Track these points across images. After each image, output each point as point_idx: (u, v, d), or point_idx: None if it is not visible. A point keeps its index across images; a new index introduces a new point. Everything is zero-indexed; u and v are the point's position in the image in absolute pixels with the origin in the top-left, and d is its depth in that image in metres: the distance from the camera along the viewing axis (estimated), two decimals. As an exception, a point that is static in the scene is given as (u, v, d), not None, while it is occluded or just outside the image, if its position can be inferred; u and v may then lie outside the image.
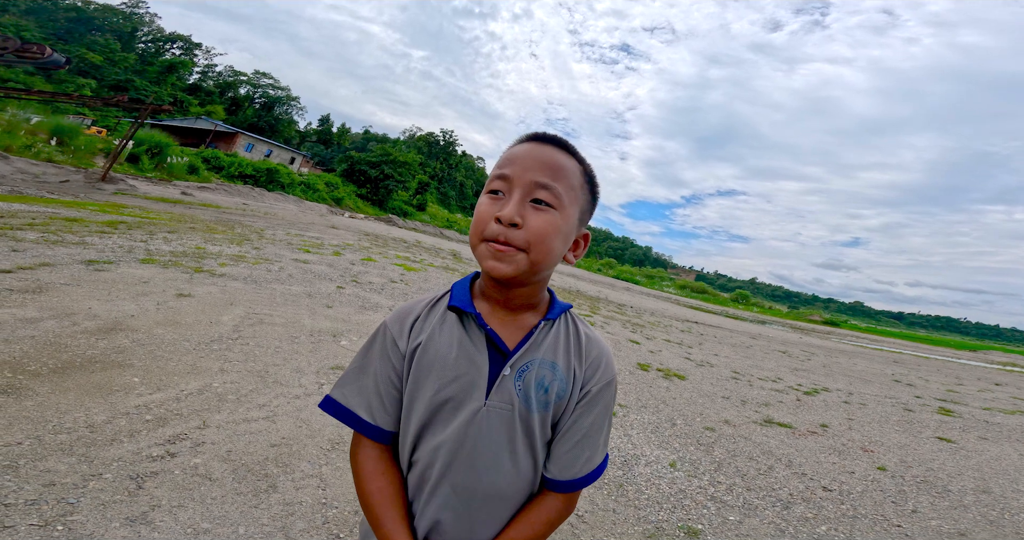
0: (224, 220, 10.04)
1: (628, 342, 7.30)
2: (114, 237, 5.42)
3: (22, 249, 4.07)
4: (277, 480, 1.61)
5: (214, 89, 54.69)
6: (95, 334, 2.44)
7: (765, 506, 2.36)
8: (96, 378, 1.99)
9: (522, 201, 0.54)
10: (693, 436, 3.27)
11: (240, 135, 35.87)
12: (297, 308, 3.96)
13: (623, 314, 12.15)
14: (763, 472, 2.82)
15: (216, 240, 6.62)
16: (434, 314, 0.60)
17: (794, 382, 6.68)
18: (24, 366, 1.94)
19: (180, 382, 2.15)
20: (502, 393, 0.55)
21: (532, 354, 0.57)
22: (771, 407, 4.72)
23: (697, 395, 4.65)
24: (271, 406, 2.16)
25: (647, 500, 2.20)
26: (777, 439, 3.57)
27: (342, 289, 5.16)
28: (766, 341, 13.41)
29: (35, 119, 17.94)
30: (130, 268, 4.07)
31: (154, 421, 1.79)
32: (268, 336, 3.09)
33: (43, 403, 1.71)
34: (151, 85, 42.95)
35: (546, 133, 0.59)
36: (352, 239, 11.71)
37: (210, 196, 17.25)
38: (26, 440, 1.48)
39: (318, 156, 58.11)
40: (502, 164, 0.57)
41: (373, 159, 40.01)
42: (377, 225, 23.41)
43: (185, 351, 2.51)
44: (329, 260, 7.00)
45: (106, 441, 1.59)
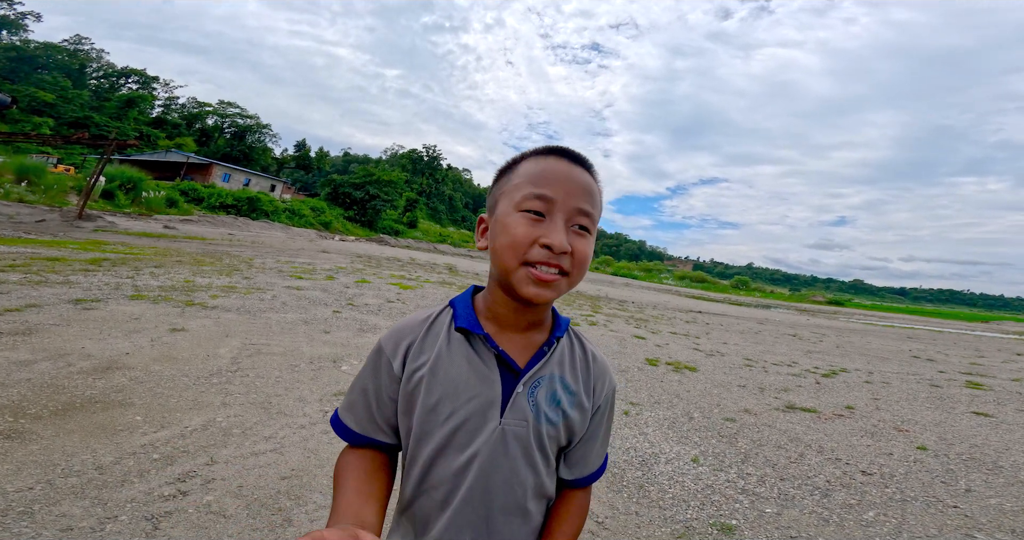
0: (211, 252, 9.90)
1: (633, 338, 7.28)
2: (99, 275, 5.31)
3: (6, 291, 3.97)
4: (291, 513, 1.60)
5: (180, 121, 54.13)
6: (91, 374, 2.40)
7: (803, 495, 2.31)
8: (98, 418, 1.95)
9: (567, 227, 0.54)
10: (713, 428, 3.22)
11: (215, 165, 35.47)
12: (294, 336, 3.92)
13: (625, 310, 12.12)
14: (794, 460, 2.76)
15: (204, 272, 6.53)
16: (434, 334, 0.59)
17: (810, 365, 6.61)
18: (24, 409, 1.90)
19: (183, 418, 2.12)
20: (516, 411, 0.56)
21: (543, 371, 0.58)
22: (791, 392, 4.68)
23: (711, 386, 4.60)
24: (277, 438, 2.14)
25: (672, 499, 2.15)
26: (803, 425, 3.51)
27: (338, 313, 5.13)
28: (774, 325, 13.33)
29: None
30: (119, 305, 4.00)
31: (161, 460, 1.77)
32: (267, 366, 3.05)
33: (48, 446, 1.68)
34: (112, 121, 42.21)
35: (573, 151, 0.59)
36: (344, 262, 11.64)
37: (194, 228, 16.99)
38: (37, 485, 1.46)
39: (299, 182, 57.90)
40: (539, 182, 0.55)
41: (356, 180, 40.06)
42: (369, 246, 23.30)
43: (185, 386, 2.47)
44: (323, 285, 6.95)
45: (117, 482, 1.56)
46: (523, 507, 0.57)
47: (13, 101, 5.48)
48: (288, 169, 62.83)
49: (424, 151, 71.65)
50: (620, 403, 3.58)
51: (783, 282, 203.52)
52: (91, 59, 51.18)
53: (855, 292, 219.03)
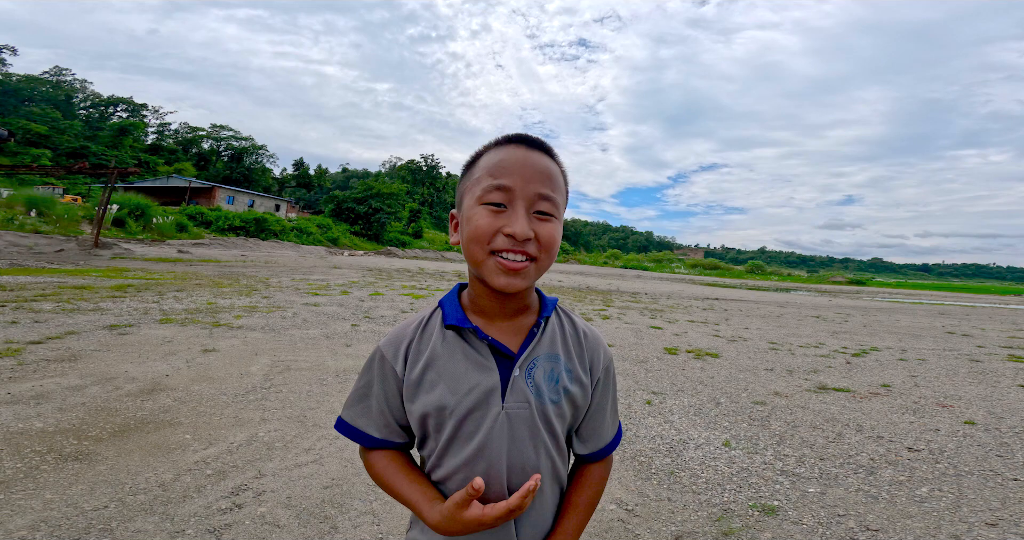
0: (227, 273, 10.12)
1: (650, 329, 7.23)
2: (126, 301, 5.49)
3: (43, 320, 4.13)
4: (336, 521, 1.66)
5: (176, 147, 54.74)
6: (138, 396, 2.50)
7: (846, 474, 2.29)
8: (152, 438, 2.04)
9: (528, 214, 0.54)
10: (743, 413, 3.20)
11: (218, 189, 36.12)
12: (318, 351, 4.01)
13: (639, 302, 12.04)
14: (832, 440, 2.74)
15: (225, 294, 6.70)
16: (428, 335, 0.60)
17: (838, 345, 6.53)
18: (85, 432, 2.00)
19: (228, 435, 2.20)
20: (516, 394, 0.57)
21: (536, 352, 0.59)
22: (821, 373, 4.63)
23: (736, 371, 4.56)
24: (316, 449, 2.20)
25: (705, 483, 2.15)
26: (838, 405, 3.48)
27: (357, 327, 5.22)
28: (795, 308, 13.15)
29: (5, 193, 18.04)
30: (151, 329, 4.13)
31: (215, 475, 1.84)
32: (298, 381, 3.14)
33: (114, 466, 1.77)
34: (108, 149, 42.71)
35: (530, 136, 0.59)
36: (356, 276, 11.81)
37: (207, 251, 17.35)
38: (111, 503, 1.54)
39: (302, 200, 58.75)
40: (496, 172, 0.55)
41: (358, 195, 40.58)
42: (378, 259, 23.56)
43: (224, 404, 2.56)
44: (339, 300, 7.08)
45: (179, 498, 1.64)
46: (544, 491, 0.59)
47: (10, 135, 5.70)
48: (290, 188, 63.78)
49: (422, 161, 72.47)
50: (641, 393, 3.61)
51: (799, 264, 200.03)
52: (76, 90, 51.77)
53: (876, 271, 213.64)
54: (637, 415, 3.10)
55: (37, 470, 1.69)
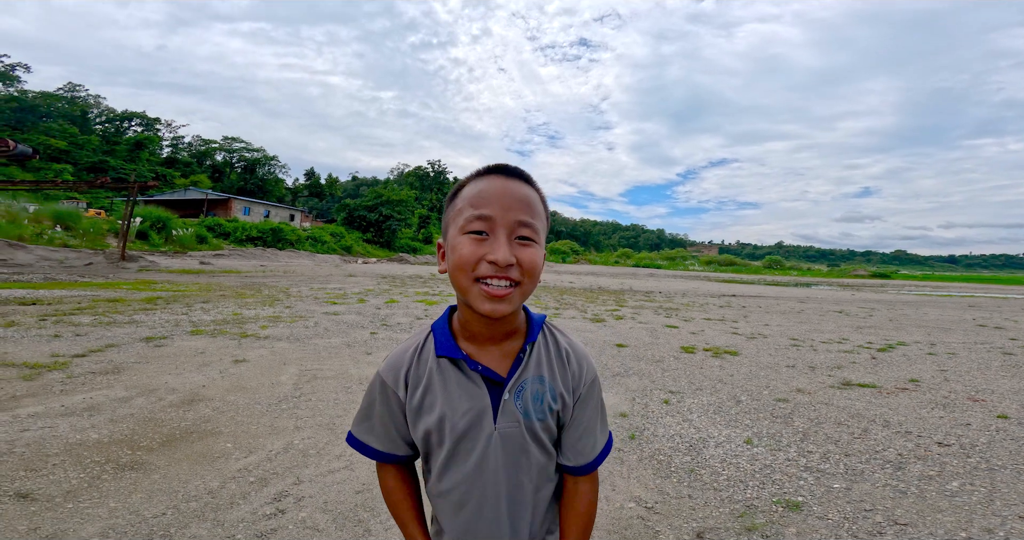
0: (249, 284, 10.44)
1: (665, 328, 7.18)
2: (158, 313, 5.73)
3: (84, 333, 4.36)
4: (369, 524, 1.73)
5: (190, 159, 55.74)
6: (180, 407, 2.64)
7: (873, 469, 2.27)
8: (197, 447, 2.16)
9: (509, 241, 0.57)
10: (765, 410, 3.18)
11: (233, 200, 37.06)
12: (341, 359, 4.13)
13: (653, 300, 11.95)
14: (858, 435, 2.71)
15: (249, 304, 6.92)
16: (424, 361, 0.65)
17: (862, 341, 6.43)
18: (137, 443, 2.13)
19: (266, 443, 2.31)
20: (507, 415, 0.62)
21: (524, 375, 0.64)
22: (845, 369, 4.57)
23: (757, 368, 4.53)
24: (346, 456, 2.28)
25: (727, 480, 2.16)
26: (863, 400, 3.44)
27: (375, 334, 5.34)
28: (817, 303, 12.89)
29: (32, 207, 18.63)
30: (183, 341, 4.32)
31: (257, 482, 1.94)
32: (325, 390, 3.25)
33: (166, 475, 1.88)
34: (126, 163, 43.65)
35: (508, 166, 0.62)
36: (372, 284, 12.03)
37: (227, 262, 17.89)
38: (168, 510, 1.65)
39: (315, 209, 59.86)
40: (477, 203, 0.58)
41: (368, 203, 41.16)
42: (391, 266, 23.89)
43: (260, 413, 2.68)
44: (356, 308, 7.24)
45: (227, 505, 1.74)
46: (531, 498, 0.65)
47: (35, 152, 6.03)
48: (302, 198, 65.08)
49: (429, 167, 73.18)
50: (658, 392, 3.62)
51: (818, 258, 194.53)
52: (90, 105, 52.71)
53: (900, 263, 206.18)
54: (655, 415, 3.11)
55: (99, 480, 1.81)
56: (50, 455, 1.97)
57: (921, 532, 1.79)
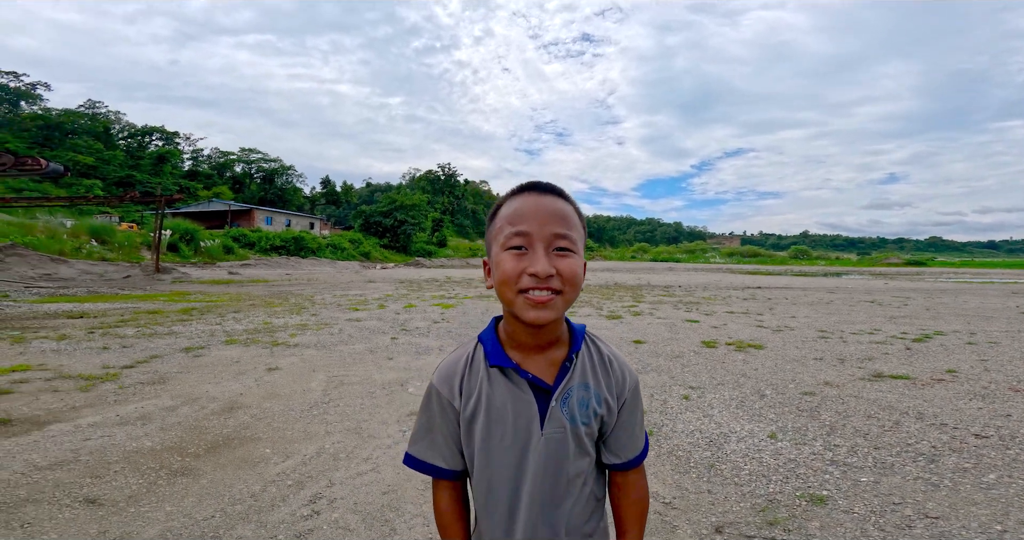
0: (276, 293, 10.88)
1: (685, 323, 7.08)
2: (194, 323, 6.08)
3: (129, 345, 4.69)
4: (394, 523, 1.82)
5: (211, 171, 57.01)
6: (221, 414, 2.83)
7: (904, 462, 2.23)
8: (239, 453, 2.32)
9: (547, 253, 0.61)
10: (790, 404, 3.13)
11: (255, 210, 38.24)
12: (365, 365, 4.29)
13: (672, 295, 11.80)
14: (889, 428, 2.65)
15: (277, 313, 7.24)
16: (476, 372, 0.69)
17: (896, 331, 6.22)
18: (185, 449, 2.31)
19: (300, 448, 2.45)
20: (554, 422, 0.66)
21: (570, 383, 0.67)
22: (876, 360, 4.44)
23: (783, 362, 4.45)
24: (373, 459, 2.39)
25: (749, 475, 2.14)
26: (895, 393, 3.35)
27: (396, 340, 5.49)
28: (847, 293, 12.49)
29: (69, 223, 19.60)
30: (219, 351, 4.59)
31: (294, 485, 2.07)
32: (351, 395, 3.39)
33: (213, 480, 2.04)
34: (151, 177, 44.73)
35: (541, 182, 0.66)
36: (390, 289, 12.31)
37: (254, 272, 18.64)
38: (216, 513, 1.79)
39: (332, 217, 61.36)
40: (514, 220, 0.63)
41: (383, 209, 41.90)
42: (408, 271, 24.33)
43: (294, 419, 2.84)
44: (377, 314, 7.46)
45: (268, 507, 1.88)
46: (576, 499, 0.68)
47: (66, 170, 6.39)
48: (320, 206, 66.75)
49: (439, 170, 73.87)
50: (678, 388, 3.63)
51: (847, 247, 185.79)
52: (111, 121, 53.64)
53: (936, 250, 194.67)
54: (673, 411, 3.10)
55: (155, 485, 1.98)
56: (111, 462, 2.16)
57: (953, 525, 1.75)
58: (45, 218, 19.69)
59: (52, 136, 45.04)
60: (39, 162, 5.73)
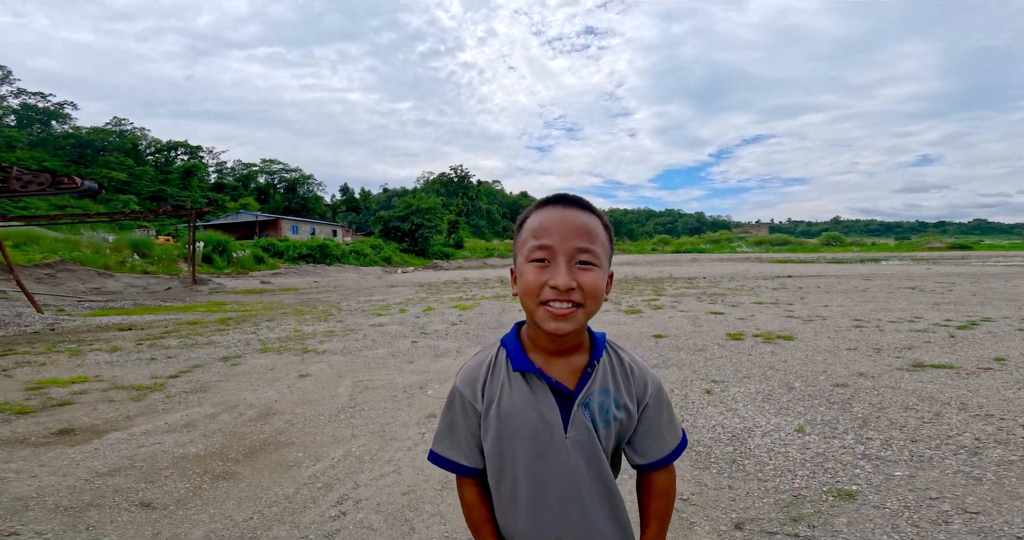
0: (305, 300, 11.36)
1: (709, 315, 6.91)
2: (230, 333, 6.45)
3: (174, 355, 5.04)
4: (413, 523, 1.89)
5: (236, 183, 58.92)
6: (258, 421, 3.02)
7: (943, 456, 2.13)
8: (275, 457, 2.48)
9: (569, 267, 0.63)
10: (820, 396, 3.04)
11: (281, 220, 39.52)
12: (388, 370, 4.43)
13: (695, 287, 11.55)
14: (928, 420, 2.54)
15: (307, 321, 7.57)
16: (498, 375, 0.71)
17: (939, 318, 5.90)
18: (227, 455, 2.49)
19: (329, 451, 2.59)
20: (577, 425, 0.68)
21: (591, 388, 0.69)
22: (916, 350, 4.24)
23: (813, 353, 4.31)
24: (395, 461, 2.48)
25: (773, 470, 2.09)
26: (937, 383, 3.20)
27: (416, 343, 5.63)
28: (885, 280, 11.97)
29: (111, 238, 20.70)
30: (255, 359, 4.86)
31: (323, 487, 2.20)
32: (375, 399, 3.53)
33: (252, 483, 2.19)
34: (181, 191, 46.41)
35: (567, 196, 0.68)
36: (411, 293, 12.60)
37: (284, 280, 19.48)
38: (255, 515, 1.93)
39: (353, 223, 63.10)
40: (538, 233, 0.64)
41: (400, 213, 42.67)
42: (426, 274, 24.77)
43: (323, 424, 2.99)
44: (399, 318, 7.66)
45: (300, 508, 2.00)
46: (601, 500, 0.69)
47: (101, 187, 6.78)
48: (341, 213, 68.76)
49: (452, 172, 74.59)
50: (700, 382, 3.57)
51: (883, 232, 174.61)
52: (138, 137, 55.91)
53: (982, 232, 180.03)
54: (695, 405, 3.05)
55: (200, 489, 2.15)
56: (161, 468, 2.35)
57: (995, 521, 1.66)
58: (89, 234, 21.17)
59: (84, 154, 47.30)
60: (75, 181, 6.15)
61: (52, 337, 6.25)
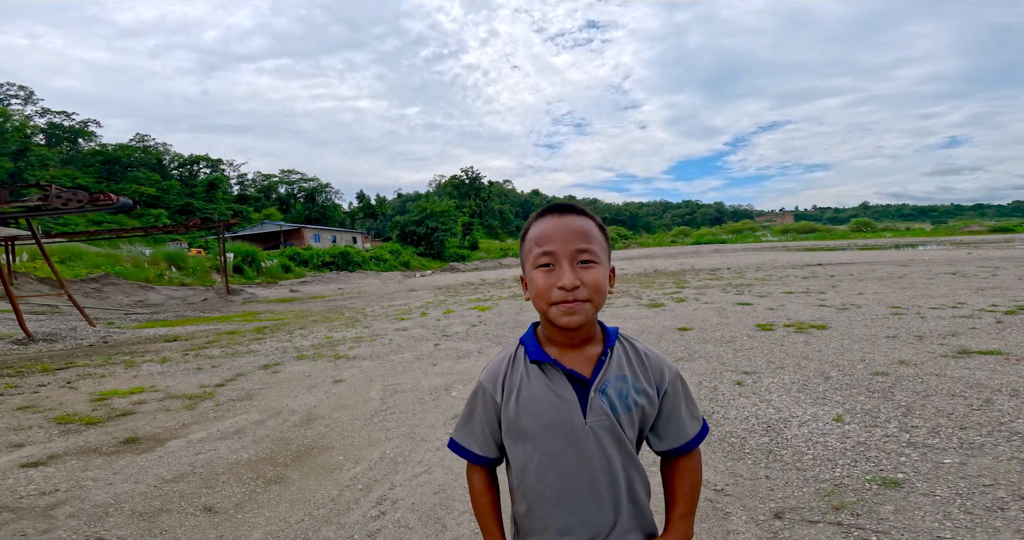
0: (333, 307, 11.77)
1: (736, 306, 6.77)
2: (267, 342, 6.80)
3: (217, 364, 5.36)
4: (445, 521, 1.98)
5: (258, 194, 60.28)
6: (300, 426, 3.21)
7: (995, 442, 2.07)
8: (319, 461, 2.64)
9: (572, 267, 0.69)
10: (858, 385, 2.98)
11: (304, 229, 40.55)
12: (413, 373, 4.58)
13: (719, 278, 11.33)
14: (977, 407, 2.47)
15: (336, 328, 7.87)
16: (517, 368, 0.76)
17: (984, 304, 5.65)
18: (276, 460, 2.67)
19: (366, 454, 2.73)
20: (595, 411, 0.71)
21: (607, 375, 0.72)
22: (961, 336, 4.10)
23: (850, 341, 4.21)
24: (425, 461, 2.59)
25: (812, 460, 2.07)
26: (985, 369, 3.10)
27: (438, 346, 5.78)
28: (923, 265, 11.47)
29: (147, 251, 21.67)
30: (292, 366, 5.12)
31: (364, 489, 2.33)
32: (404, 402, 3.67)
33: (301, 487, 2.35)
34: (207, 204, 47.62)
35: (561, 204, 0.75)
36: (431, 296, 12.85)
37: (311, 288, 20.21)
38: (306, 517, 2.08)
39: (371, 229, 64.60)
40: (541, 241, 0.71)
41: (415, 218, 43.30)
42: (444, 277, 25.11)
43: (359, 428, 3.15)
44: (420, 322, 7.86)
45: (344, 510, 2.14)
46: (623, 485, 0.71)
47: (135, 203, 7.19)
48: (359, 220, 70.46)
49: (463, 175, 74.90)
50: (730, 374, 3.55)
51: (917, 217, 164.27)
52: (162, 153, 56.93)
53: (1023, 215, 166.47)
54: (725, 397, 3.02)
55: (255, 493, 2.32)
56: (219, 473, 2.55)
57: None
58: (127, 248, 22.43)
59: (114, 170, 48.79)
60: (110, 198, 6.54)
61: (107, 349, 6.68)
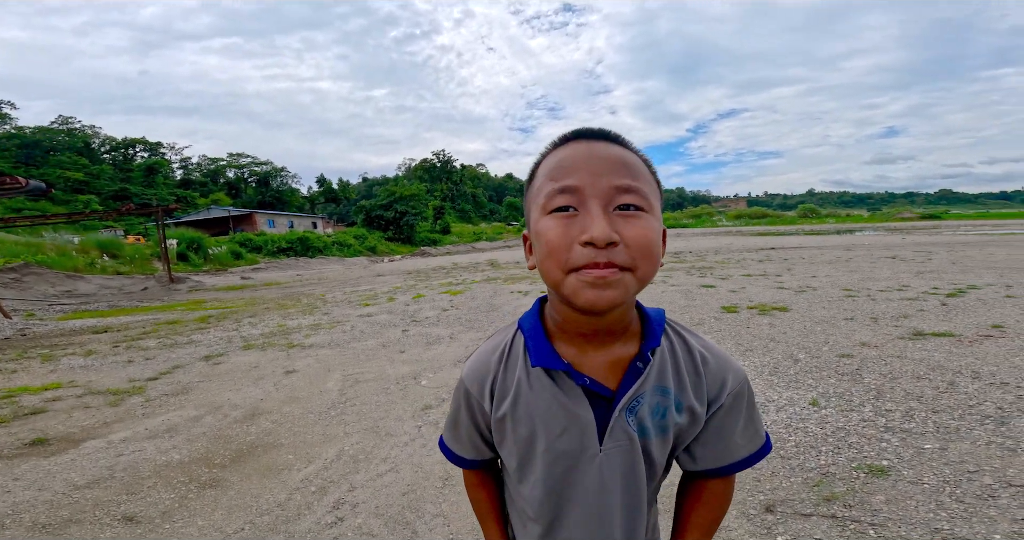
0: (288, 294, 10.97)
1: (701, 289, 6.97)
2: (211, 331, 6.15)
3: (152, 356, 4.76)
4: (415, 525, 1.79)
5: (204, 179, 56.90)
6: (243, 422, 2.84)
7: (970, 426, 2.10)
8: (263, 461, 2.32)
9: (606, 212, 0.45)
10: (827, 367, 3.01)
11: (256, 214, 38.25)
12: (378, 361, 4.27)
13: (683, 261, 11.65)
14: (944, 390, 2.52)
15: (291, 315, 7.28)
16: (512, 368, 0.56)
17: (926, 286, 6.02)
18: (212, 460, 2.32)
19: (321, 452, 2.44)
20: (616, 435, 0.52)
21: (641, 389, 0.52)
22: (912, 318, 4.29)
23: (812, 323, 4.32)
24: (391, 458, 2.36)
25: (795, 447, 2.04)
26: (942, 351, 3.21)
27: (406, 332, 5.47)
28: (865, 250, 12.27)
29: (76, 239, 19.62)
30: (237, 356, 4.62)
31: (317, 491, 2.06)
32: (366, 393, 3.38)
33: (241, 491, 2.04)
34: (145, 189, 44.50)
35: (591, 128, 0.50)
36: (399, 281, 12.32)
37: (266, 275, 18.86)
38: (246, 525, 1.79)
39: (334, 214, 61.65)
40: (558, 175, 0.47)
41: (383, 202, 41.80)
42: (415, 261, 24.34)
43: (313, 422, 2.83)
44: (387, 307, 7.45)
45: (294, 516, 1.86)
46: (635, 519, 0.56)
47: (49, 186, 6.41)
48: (320, 205, 67.00)
49: (435, 158, 72.90)
50: None
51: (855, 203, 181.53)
52: (89, 136, 52.59)
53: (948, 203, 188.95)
54: None
55: (186, 499, 1.99)
56: (144, 478, 2.18)
57: None
58: (51, 236, 20.04)
59: (33, 154, 44.32)
60: (17, 180, 5.72)
61: (23, 343, 5.88)
